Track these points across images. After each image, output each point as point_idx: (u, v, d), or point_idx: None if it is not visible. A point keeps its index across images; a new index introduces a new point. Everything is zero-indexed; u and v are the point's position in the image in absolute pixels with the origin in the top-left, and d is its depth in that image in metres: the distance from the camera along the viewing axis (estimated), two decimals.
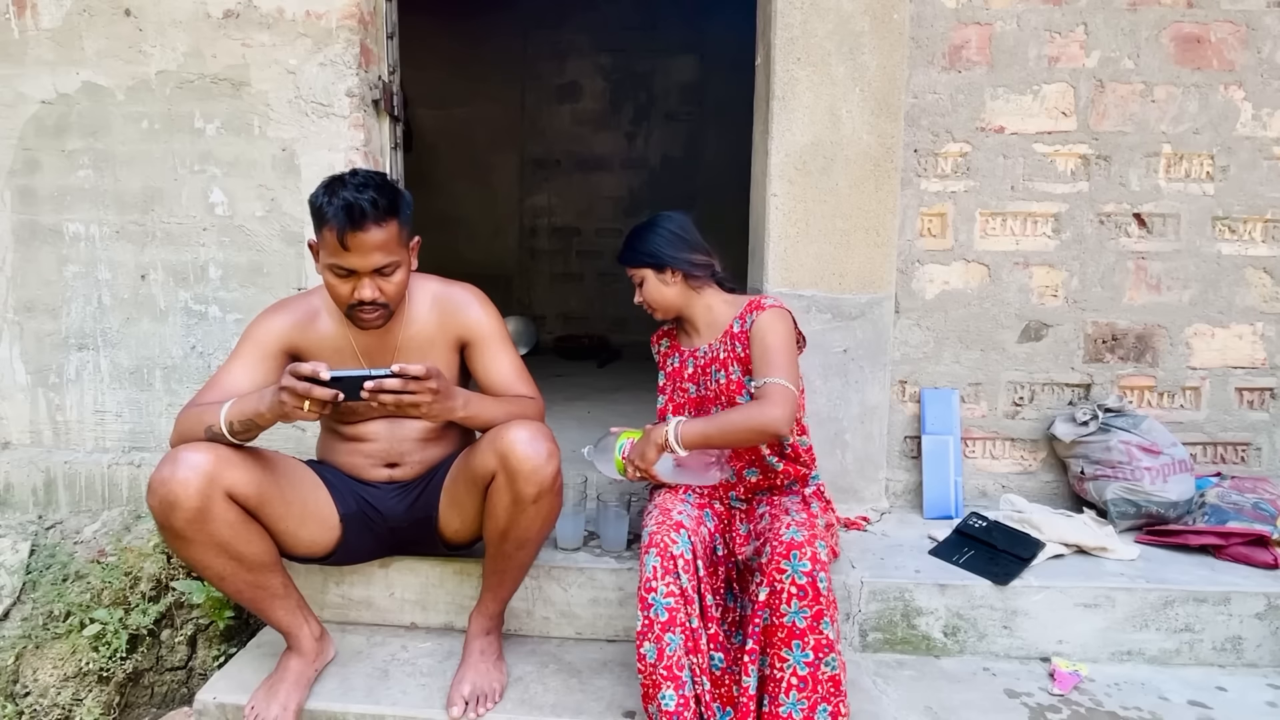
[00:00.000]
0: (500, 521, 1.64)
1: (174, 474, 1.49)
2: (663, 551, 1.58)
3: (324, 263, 1.60)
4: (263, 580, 1.66)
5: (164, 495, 1.49)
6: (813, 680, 1.48)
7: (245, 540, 1.59)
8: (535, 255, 5.43)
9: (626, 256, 1.89)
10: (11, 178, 2.40)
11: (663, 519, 1.66)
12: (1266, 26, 2.28)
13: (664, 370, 2.00)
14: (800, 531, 1.58)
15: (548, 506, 1.64)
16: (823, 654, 1.48)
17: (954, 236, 2.35)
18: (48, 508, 2.47)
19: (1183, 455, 2.21)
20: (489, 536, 1.69)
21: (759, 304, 1.85)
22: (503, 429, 1.60)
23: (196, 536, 1.53)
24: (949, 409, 2.37)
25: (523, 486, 1.58)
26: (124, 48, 2.32)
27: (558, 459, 1.62)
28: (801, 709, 1.47)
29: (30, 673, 2.13)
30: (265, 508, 1.62)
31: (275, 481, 1.64)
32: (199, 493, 1.49)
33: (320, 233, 1.58)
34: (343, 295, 1.61)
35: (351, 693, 1.72)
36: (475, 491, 1.68)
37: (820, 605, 1.49)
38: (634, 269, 1.89)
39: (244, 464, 1.57)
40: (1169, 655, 1.89)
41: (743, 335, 1.83)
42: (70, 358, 2.46)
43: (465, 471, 1.71)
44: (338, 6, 2.24)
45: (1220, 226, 2.34)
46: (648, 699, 1.52)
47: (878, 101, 2.20)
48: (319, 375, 1.41)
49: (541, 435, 1.59)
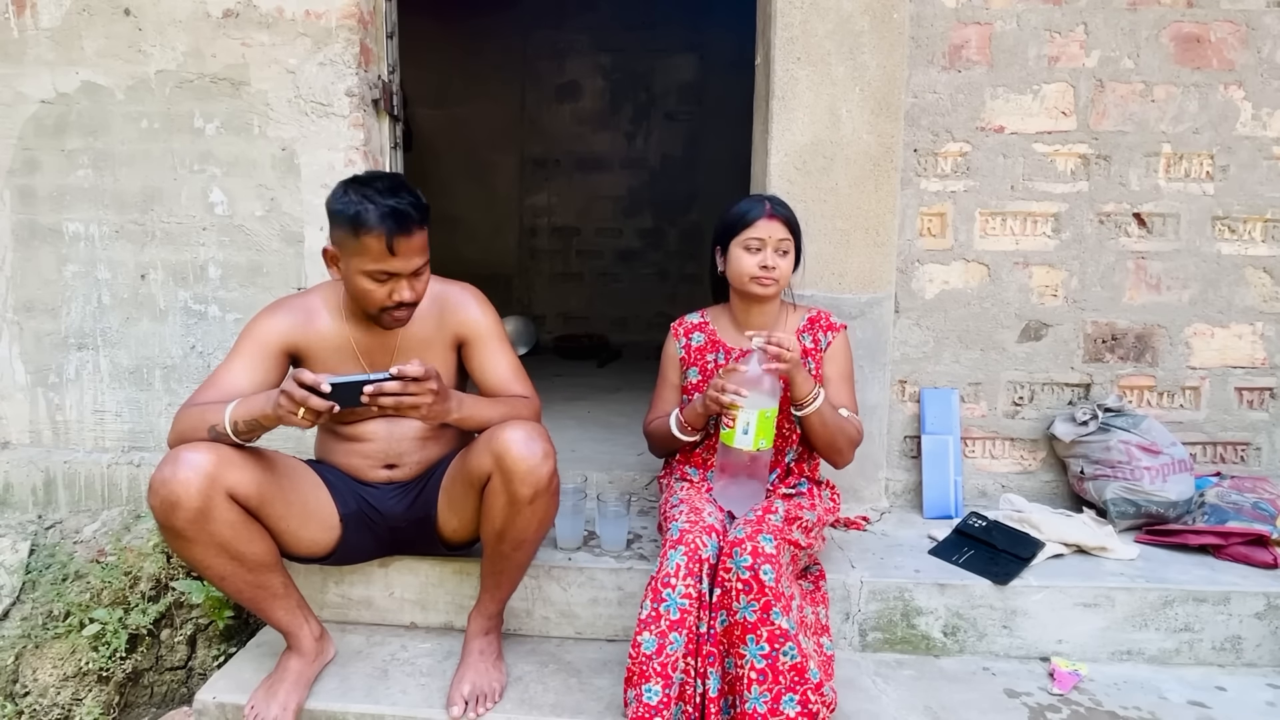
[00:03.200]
0: (497, 522, 1.63)
1: (175, 474, 1.49)
2: (691, 552, 1.57)
3: (361, 269, 1.58)
4: (263, 580, 1.66)
5: (165, 495, 1.49)
6: (772, 672, 1.47)
7: (246, 540, 1.59)
8: (535, 255, 5.43)
9: (788, 214, 1.84)
10: (11, 177, 2.40)
11: (695, 519, 1.66)
12: (1266, 26, 2.28)
13: (695, 366, 1.93)
14: (744, 528, 1.60)
15: (544, 507, 1.64)
16: (778, 644, 1.48)
17: (954, 236, 2.35)
18: (47, 507, 2.47)
19: (1182, 455, 2.21)
20: (486, 537, 1.69)
21: (830, 322, 1.91)
22: (498, 429, 1.60)
23: (198, 536, 1.53)
24: (949, 409, 2.37)
25: (518, 487, 1.57)
26: (123, 47, 2.32)
27: (553, 459, 1.61)
28: (765, 701, 1.47)
29: (30, 672, 2.13)
30: (266, 508, 1.62)
31: (276, 482, 1.64)
32: (200, 493, 1.49)
33: (358, 239, 1.55)
34: (379, 299, 1.61)
35: (351, 692, 1.71)
36: (472, 492, 1.68)
37: (767, 597, 1.49)
38: (787, 234, 1.82)
39: (245, 464, 1.57)
40: (1169, 655, 1.89)
41: (816, 353, 1.87)
42: (70, 357, 2.46)
43: (462, 472, 1.71)
44: (337, 6, 2.24)
45: (1220, 226, 2.34)
46: (629, 684, 1.52)
47: (878, 101, 2.20)
48: (320, 387, 1.41)
49: (537, 435, 1.59)
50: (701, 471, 1.93)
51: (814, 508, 1.82)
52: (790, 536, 1.66)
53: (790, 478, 1.90)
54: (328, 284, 1.80)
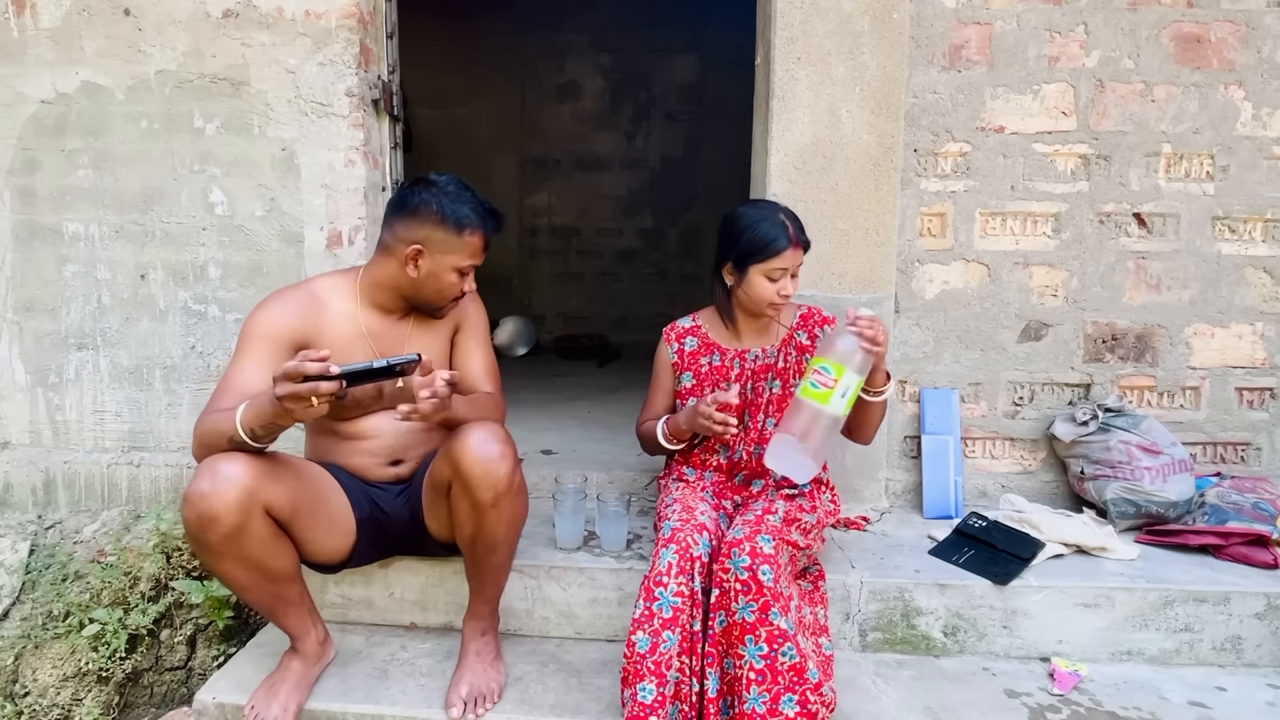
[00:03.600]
0: (466, 528, 1.63)
1: (214, 488, 1.44)
2: (683, 550, 1.57)
3: (455, 264, 1.70)
4: (283, 591, 1.65)
5: (204, 510, 1.44)
6: (771, 672, 1.48)
7: (274, 555, 1.58)
8: (535, 255, 5.43)
9: (806, 238, 1.83)
10: (11, 177, 2.40)
11: (686, 517, 1.67)
12: (1266, 26, 2.27)
13: (688, 370, 1.93)
14: (742, 529, 1.60)
15: (509, 508, 1.62)
16: (777, 644, 1.48)
17: (954, 236, 2.35)
18: (47, 507, 2.47)
19: (1182, 455, 2.20)
20: (460, 541, 1.69)
21: (823, 316, 1.91)
22: (453, 437, 1.59)
23: (230, 551, 1.51)
24: (949, 409, 2.37)
25: (477, 493, 1.56)
26: (123, 47, 2.32)
27: (512, 458, 1.59)
28: (764, 701, 1.47)
29: (30, 673, 2.13)
30: (297, 520, 1.60)
31: (306, 493, 1.61)
32: (240, 508, 1.46)
33: (460, 237, 1.68)
34: (455, 289, 1.73)
35: (351, 693, 1.71)
36: (440, 498, 1.69)
37: (766, 597, 1.49)
38: (803, 257, 1.83)
39: (280, 477, 1.54)
40: (1169, 655, 1.89)
41: (812, 349, 1.86)
42: (70, 357, 2.46)
43: (430, 478, 1.71)
44: (337, 6, 2.24)
45: (1220, 226, 2.34)
46: (625, 684, 1.53)
47: (878, 101, 2.20)
48: (328, 372, 1.33)
49: (492, 437, 1.57)
50: (698, 472, 1.93)
51: (814, 510, 1.82)
52: (789, 537, 1.66)
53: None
54: (334, 273, 1.81)
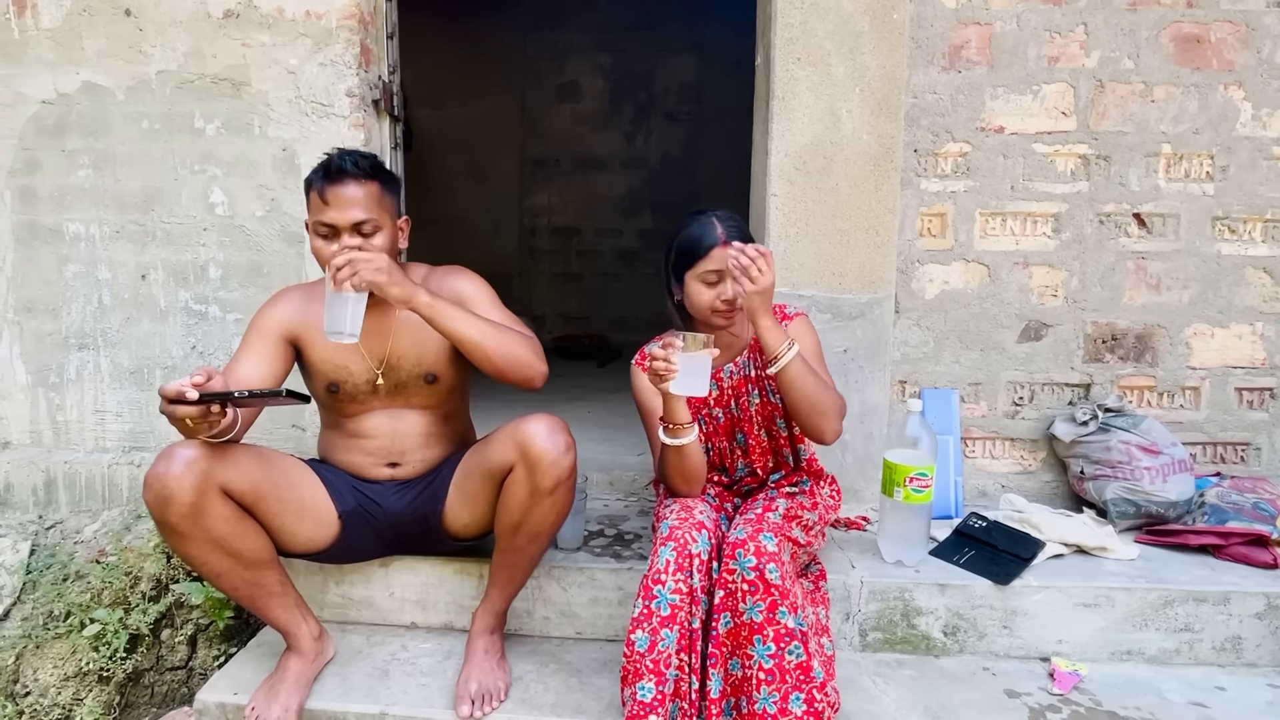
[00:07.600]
0: (515, 514, 1.65)
1: (169, 469, 1.52)
2: (681, 548, 1.57)
3: (310, 227, 1.68)
4: (259, 578, 1.67)
5: (159, 490, 1.52)
6: (780, 671, 1.48)
7: (241, 536, 1.61)
8: (535, 255, 5.43)
9: (741, 232, 1.69)
10: (11, 178, 2.40)
11: (685, 516, 1.66)
12: (1266, 26, 2.28)
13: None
14: (744, 528, 1.59)
15: (563, 498, 1.67)
16: (784, 643, 1.48)
17: (954, 236, 2.35)
18: (48, 508, 2.47)
19: (1182, 455, 2.21)
20: (501, 529, 1.70)
21: (785, 313, 1.83)
22: (521, 422, 1.64)
23: (192, 532, 1.55)
24: (949, 409, 2.37)
25: (541, 479, 1.61)
26: (124, 48, 2.32)
27: (574, 452, 1.66)
28: (774, 701, 1.47)
29: (30, 672, 2.13)
30: (261, 504, 1.64)
31: (270, 478, 1.66)
32: (193, 488, 1.52)
33: (308, 200, 1.67)
34: (326, 256, 1.63)
35: (352, 692, 1.72)
36: (490, 484, 1.70)
37: (773, 596, 1.49)
38: None
39: (238, 460, 1.59)
40: (1169, 655, 1.89)
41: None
42: (70, 357, 2.46)
43: (481, 464, 1.72)
44: (338, 6, 2.24)
45: (1220, 226, 2.34)
46: (625, 683, 1.53)
47: (878, 101, 2.20)
48: (185, 395, 1.40)
49: (559, 428, 1.64)
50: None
51: (815, 506, 1.82)
52: (790, 534, 1.66)
53: (793, 475, 1.90)
54: None
